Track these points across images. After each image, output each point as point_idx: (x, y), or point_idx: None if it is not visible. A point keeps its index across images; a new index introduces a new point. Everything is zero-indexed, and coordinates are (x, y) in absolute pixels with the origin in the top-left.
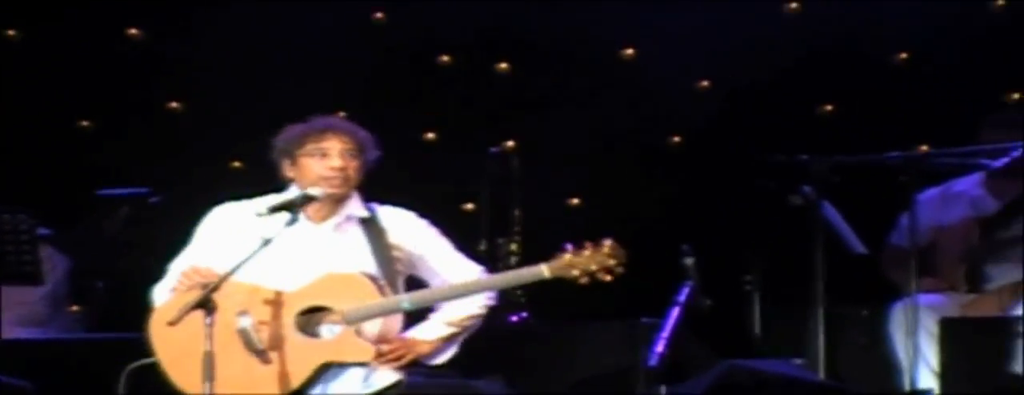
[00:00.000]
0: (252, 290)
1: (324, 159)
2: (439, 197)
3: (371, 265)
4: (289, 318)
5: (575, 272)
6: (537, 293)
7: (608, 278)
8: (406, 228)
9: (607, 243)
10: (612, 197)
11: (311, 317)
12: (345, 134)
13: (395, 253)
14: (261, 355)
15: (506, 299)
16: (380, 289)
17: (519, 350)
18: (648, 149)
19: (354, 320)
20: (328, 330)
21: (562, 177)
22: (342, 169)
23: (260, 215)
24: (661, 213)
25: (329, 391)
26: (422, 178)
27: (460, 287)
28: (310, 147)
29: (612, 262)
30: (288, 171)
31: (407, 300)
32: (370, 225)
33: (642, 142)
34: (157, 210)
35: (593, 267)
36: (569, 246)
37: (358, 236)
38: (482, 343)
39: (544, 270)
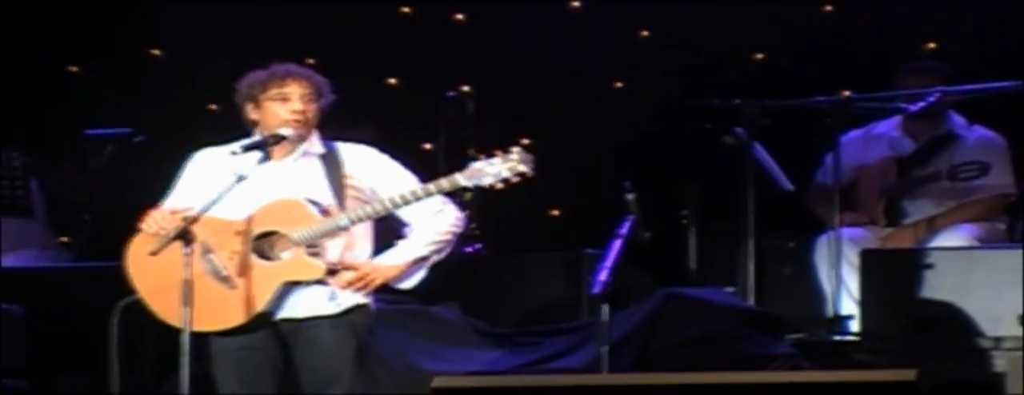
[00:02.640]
0: (210, 222)
1: (286, 103)
2: (400, 138)
3: (325, 193)
4: (247, 245)
5: (487, 178)
6: (490, 226)
7: (517, 181)
8: (361, 160)
9: (515, 149)
10: (559, 138)
11: (265, 241)
12: (305, 79)
13: (349, 181)
14: (226, 281)
15: (462, 232)
16: (322, 210)
17: (474, 279)
18: (592, 93)
19: (302, 241)
20: (284, 253)
21: (513, 119)
22: (303, 112)
23: (235, 154)
24: (604, 152)
25: (297, 311)
26: (384, 120)
27: (389, 201)
28: (273, 92)
29: (522, 167)
30: (252, 114)
31: (345, 217)
32: (328, 159)
33: (587, 87)
34: (140, 149)
35: (504, 173)
36: (481, 156)
37: (315, 169)
38: (439, 272)
39: (459, 178)
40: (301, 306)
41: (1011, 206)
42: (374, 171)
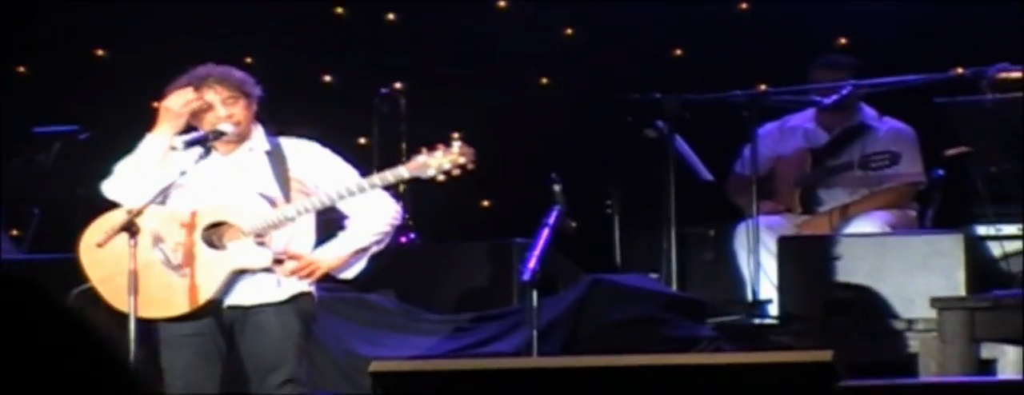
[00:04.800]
0: (160, 213)
1: (211, 111)
2: (335, 133)
3: (271, 187)
4: (197, 235)
5: (430, 171)
6: (424, 217)
7: (458, 173)
8: (304, 155)
9: (456, 144)
10: (488, 132)
11: (215, 232)
12: (221, 84)
13: (293, 175)
14: (178, 270)
15: (399, 224)
16: (270, 202)
17: (408, 267)
18: (520, 89)
19: (250, 232)
20: (232, 242)
21: (444, 114)
22: (229, 116)
23: (175, 149)
24: (532, 146)
25: (244, 298)
26: (321, 116)
27: (334, 192)
28: (194, 100)
29: (462, 159)
30: (190, 120)
31: (292, 208)
32: (274, 155)
33: (514, 83)
34: (86, 145)
35: (446, 165)
36: (424, 149)
37: (262, 164)
38: (375, 261)
39: (403, 171)
40: (247, 293)
41: (921, 194)
42: (317, 165)
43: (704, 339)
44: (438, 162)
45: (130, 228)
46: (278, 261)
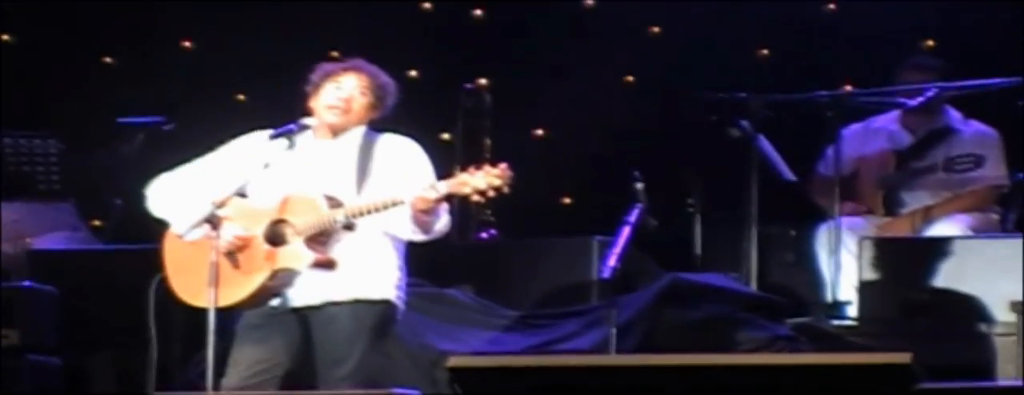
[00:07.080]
0: (241, 207)
1: (337, 90)
2: (420, 128)
3: (348, 180)
4: (260, 230)
5: (466, 189)
6: (505, 213)
7: (494, 195)
8: (396, 153)
9: (501, 166)
10: (572, 129)
11: (276, 228)
12: (364, 73)
13: (374, 170)
14: (232, 262)
15: (478, 219)
16: (333, 205)
17: (488, 263)
18: (605, 87)
19: (302, 232)
20: (290, 240)
21: (528, 111)
22: (347, 100)
23: (269, 140)
24: (615, 143)
25: (314, 297)
26: (405, 111)
27: (380, 202)
28: (330, 78)
29: (498, 182)
30: (310, 101)
31: (341, 213)
32: (366, 150)
33: (599, 81)
34: (169, 136)
35: (481, 186)
36: (470, 168)
37: (350, 159)
38: (456, 257)
39: (442, 186)
40: (315, 293)
41: (1003, 197)
42: (400, 168)
43: (782, 339)
44: (475, 183)
45: (212, 220)
46: (327, 264)
